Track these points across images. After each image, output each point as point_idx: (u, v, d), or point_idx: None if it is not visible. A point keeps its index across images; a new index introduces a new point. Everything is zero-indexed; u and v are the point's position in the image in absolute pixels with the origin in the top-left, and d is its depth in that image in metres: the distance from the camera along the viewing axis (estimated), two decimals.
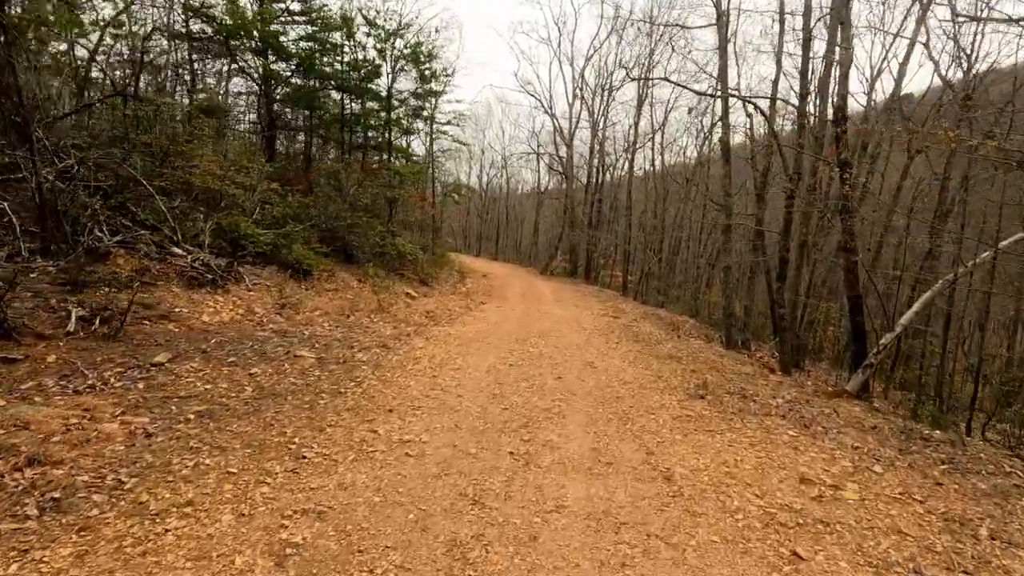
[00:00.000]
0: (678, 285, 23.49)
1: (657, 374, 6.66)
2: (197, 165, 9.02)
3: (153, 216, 8.20)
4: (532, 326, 10.00)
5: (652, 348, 8.84)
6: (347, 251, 12.36)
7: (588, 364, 6.97)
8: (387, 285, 11.32)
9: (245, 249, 9.13)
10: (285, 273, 9.72)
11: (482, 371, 6.25)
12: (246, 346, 5.92)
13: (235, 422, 4.01)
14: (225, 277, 7.99)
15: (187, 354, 5.27)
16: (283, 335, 6.70)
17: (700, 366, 7.63)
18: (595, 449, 3.94)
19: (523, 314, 11.59)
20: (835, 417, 5.42)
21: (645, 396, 5.52)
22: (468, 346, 7.66)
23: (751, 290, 14.41)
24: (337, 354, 6.32)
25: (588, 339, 9.05)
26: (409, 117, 15.99)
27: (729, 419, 4.88)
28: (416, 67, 15.01)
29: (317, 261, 10.05)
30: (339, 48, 14.88)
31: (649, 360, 7.62)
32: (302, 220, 11.49)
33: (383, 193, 13.56)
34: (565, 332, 9.58)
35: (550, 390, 5.56)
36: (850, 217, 7.05)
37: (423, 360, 6.59)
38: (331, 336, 7.10)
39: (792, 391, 6.79)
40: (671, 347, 9.22)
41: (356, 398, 4.87)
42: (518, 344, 8.08)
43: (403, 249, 12.79)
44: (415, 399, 4.99)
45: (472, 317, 10.67)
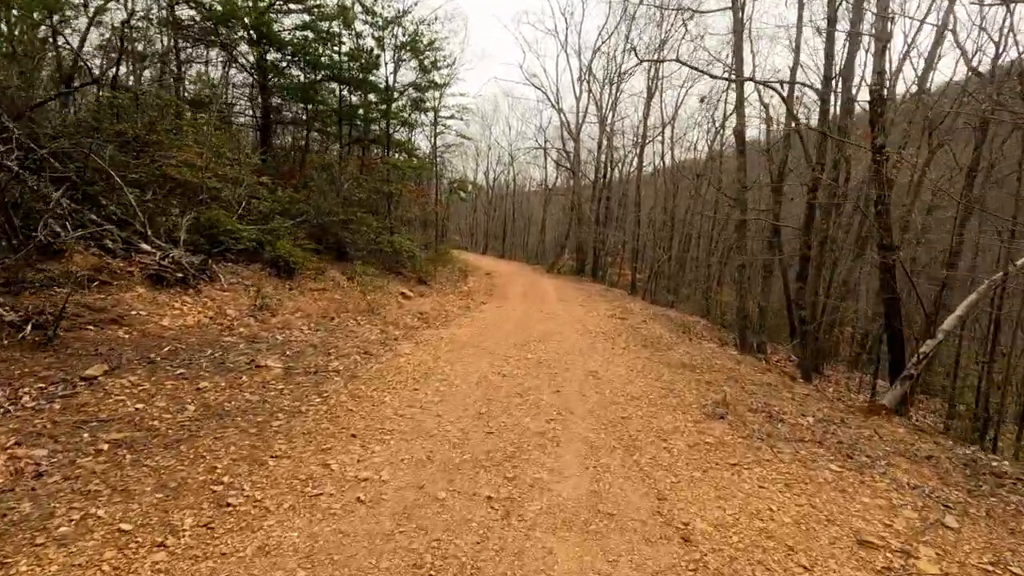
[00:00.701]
0: (688, 283, 22.56)
1: (669, 386, 5.85)
2: (174, 156, 8.32)
3: (122, 210, 7.52)
4: (533, 328, 9.22)
5: (662, 354, 8.01)
6: (340, 248, 11.64)
7: (591, 374, 6.17)
8: (380, 284, 10.58)
9: (225, 246, 8.44)
10: (269, 271, 9.02)
11: (471, 383, 5.48)
12: (204, 355, 5.20)
13: (158, 453, 3.27)
14: (198, 276, 7.28)
15: (129, 365, 4.55)
16: (252, 341, 5.98)
17: (716, 376, 6.79)
18: (594, 492, 3.15)
19: (524, 315, 10.81)
20: (879, 442, 4.58)
21: (655, 416, 4.71)
22: (460, 352, 6.90)
23: (766, 290, 13.50)
24: (309, 363, 5.58)
25: (592, 343, 8.24)
26: (409, 109, 15.22)
27: (756, 447, 4.06)
28: (416, 57, 14.22)
29: (304, 258, 9.33)
30: (336, 38, 14.13)
31: (659, 369, 6.80)
32: (292, 215, 10.79)
33: (380, 188, 12.81)
34: (568, 335, 8.78)
35: (546, 408, 4.78)
36: (886, 210, 6.19)
37: (406, 369, 5.83)
38: (307, 341, 6.36)
39: (822, 406, 5.95)
40: (683, 352, 8.39)
41: (317, 419, 4.12)
42: (515, 349, 7.31)
43: (400, 246, 12.05)
44: (386, 420, 4.23)
45: (469, 319, 9.91)
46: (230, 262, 8.70)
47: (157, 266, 6.83)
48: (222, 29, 12.49)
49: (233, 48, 13.20)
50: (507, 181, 39.16)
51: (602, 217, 24.22)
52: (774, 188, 13.11)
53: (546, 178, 35.36)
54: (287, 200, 10.69)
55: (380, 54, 14.31)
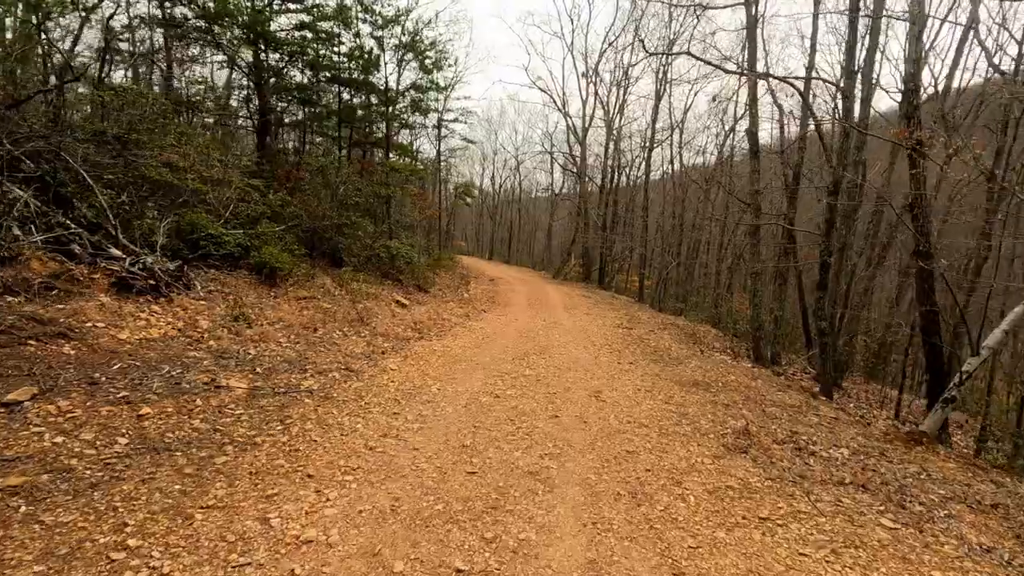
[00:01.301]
0: (696, 291, 21.80)
1: (681, 410, 5.17)
2: (151, 156, 7.79)
3: (95, 212, 7.00)
4: (534, 339, 8.58)
5: (673, 369, 7.33)
6: (335, 254, 11.08)
7: (594, 395, 5.51)
8: (374, 292, 9.99)
9: (206, 251, 7.89)
10: (254, 279, 8.46)
11: (459, 405, 4.84)
12: (159, 373, 4.60)
13: (62, 504, 2.66)
14: (172, 284, 6.72)
15: (66, 387, 3.96)
16: (219, 356, 5.38)
17: (732, 396, 6.10)
18: (591, 562, 2.49)
19: (526, 324, 10.16)
20: (930, 483, 3.88)
21: (667, 449, 4.04)
22: (452, 367, 6.27)
23: (780, 298, 12.76)
24: (279, 382, 4.97)
25: (597, 357, 7.58)
26: (410, 110, 14.68)
27: (789, 493, 3.38)
28: (416, 57, 13.69)
29: (292, 264, 8.76)
30: (335, 38, 13.66)
31: (670, 388, 6.12)
32: (284, 219, 10.25)
33: (377, 191, 12.25)
34: (571, 348, 8.13)
35: (541, 438, 4.12)
36: (924, 213, 5.50)
37: (388, 389, 5.21)
38: (282, 356, 5.76)
39: (853, 432, 5.24)
40: (694, 367, 7.70)
41: (273, 453, 3.50)
42: (513, 364, 6.67)
43: (397, 252, 11.46)
44: (354, 454, 3.60)
45: (467, 328, 9.28)
46: (213, 268, 8.15)
47: (125, 273, 6.27)
48: (216, 28, 12.04)
49: (229, 49, 12.75)
50: (513, 186, 38.63)
51: (609, 222, 23.55)
52: (789, 194, 12.40)
53: (552, 183, 34.76)
54: (278, 203, 10.15)
55: (380, 55, 13.81)
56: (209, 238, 7.98)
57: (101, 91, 8.70)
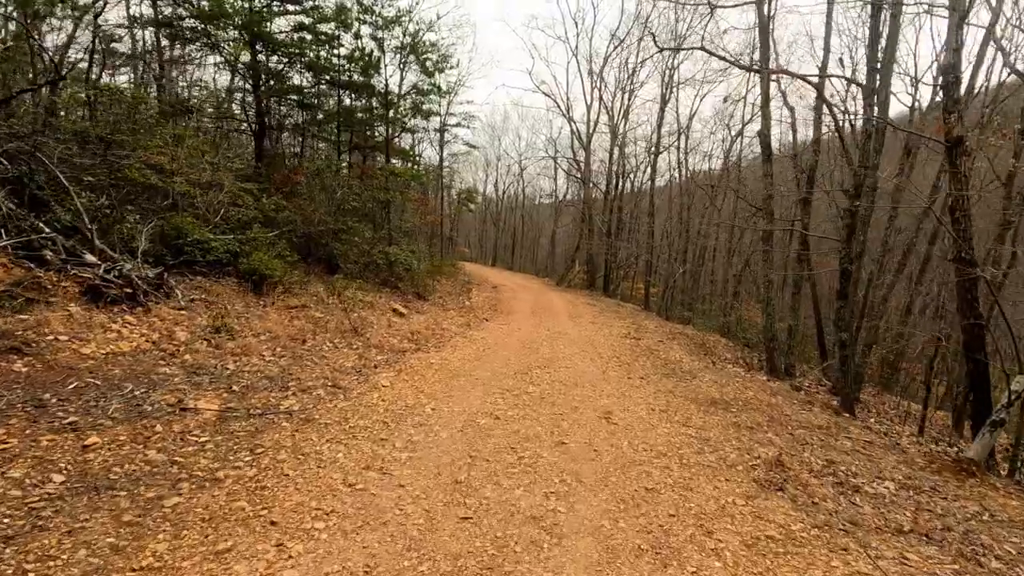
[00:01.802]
0: (703, 298, 21.21)
1: (702, 435, 4.62)
2: (136, 157, 7.35)
3: (73, 216, 6.54)
4: (538, 351, 8.05)
5: (687, 384, 6.78)
6: (331, 261, 10.60)
7: (604, 416, 4.97)
8: (370, 300, 9.49)
9: (189, 256, 7.42)
10: (243, 286, 7.98)
11: (454, 429, 4.32)
12: (120, 393, 4.10)
13: None
14: (150, 292, 6.24)
15: (6, 412, 3.46)
16: (194, 372, 4.88)
17: (755, 416, 5.55)
18: None
19: (529, 334, 9.63)
20: (997, 527, 3.32)
21: (691, 485, 3.50)
22: (449, 383, 5.75)
23: (794, 307, 12.19)
24: (256, 401, 4.46)
25: (605, 371, 7.04)
26: (410, 113, 14.25)
27: (842, 545, 2.83)
28: (417, 58, 13.28)
29: (283, 271, 8.28)
30: (335, 40, 13.26)
31: (687, 408, 5.57)
32: (278, 224, 9.78)
33: (376, 196, 11.79)
34: (577, 361, 7.59)
35: (546, 471, 3.59)
36: (966, 216, 4.97)
37: (378, 409, 4.69)
38: (263, 372, 5.25)
39: (893, 459, 4.67)
40: (709, 382, 7.15)
41: (234, 492, 2.99)
42: (515, 379, 6.14)
43: (396, 258, 10.97)
44: (329, 493, 3.08)
45: (467, 339, 8.76)
46: (199, 275, 7.68)
47: (98, 280, 5.80)
48: (212, 30, 11.65)
49: (226, 50, 12.37)
50: (516, 193, 38.20)
51: (614, 229, 23.03)
52: (803, 198, 11.86)
53: (556, 189, 34.32)
54: (272, 208, 9.69)
55: (380, 56, 13.40)
56: (195, 244, 7.51)
57: (85, 90, 8.30)
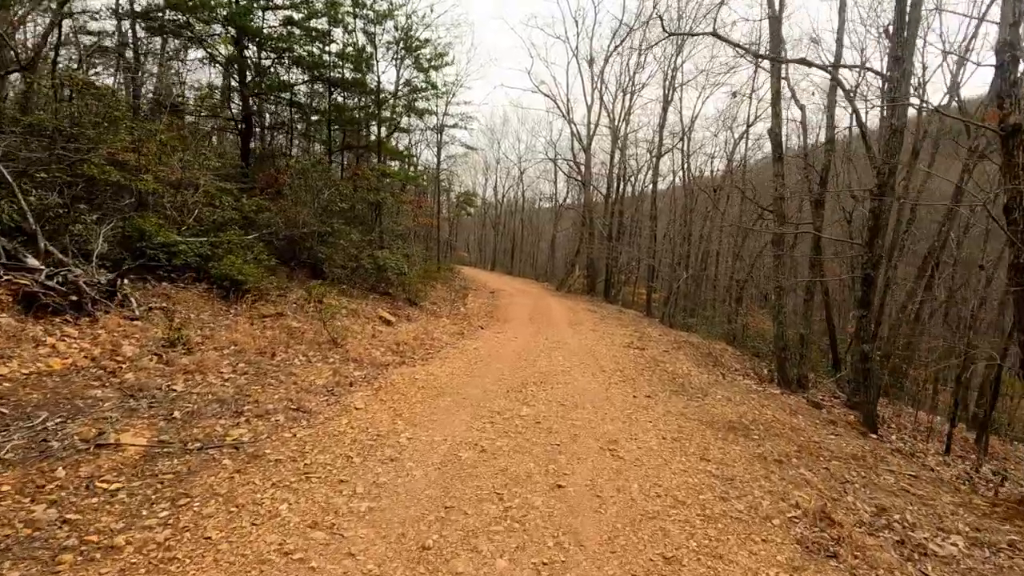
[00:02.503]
0: (707, 304, 20.47)
1: (724, 472, 3.89)
2: (96, 153, 6.66)
3: (16, 214, 5.85)
4: (534, 363, 7.33)
5: (699, 404, 6.04)
6: (316, 266, 9.90)
7: (608, 447, 4.24)
8: (355, 308, 8.78)
9: (155, 260, 6.73)
10: (214, 293, 7.28)
11: (430, 465, 3.60)
12: (28, 425, 3.39)
13: None
14: (100, 300, 5.54)
15: None
16: (131, 395, 4.16)
17: (781, 444, 4.82)
18: None
19: (526, 344, 8.91)
20: None
21: (720, 551, 2.77)
22: (432, 404, 5.03)
23: (806, 314, 11.46)
24: (198, 432, 3.74)
25: (607, 388, 6.31)
26: (403, 111, 13.57)
27: None
28: (410, 53, 12.61)
29: (259, 277, 7.57)
30: (325, 36, 12.61)
31: (702, 435, 4.84)
32: (259, 227, 9.10)
33: (367, 197, 11.10)
34: (577, 375, 6.87)
35: (537, 529, 2.87)
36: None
37: (345, 438, 3.97)
38: (215, 394, 4.53)
39: (952, 503, 3.94)
40: (722, 399, 6.42)
41: (129, 569, 2.27)
42: (508, 399, 5.42)
43: (385, 262, 10.26)
44: (256, 567, 2.35)
45: (459, 350, 8.04)
46: (166, 281, 6.98)
47: (37, 287, 5.10)
48: (195, 23, 11.00)
49: (210, 45, 11.72)
50: (516, 196, 37.52)
51: (615, 233, 22.33)
52: (815, 200, 11.14)
53: (556, 193, 33.64)
54: (252, 209, 9.01)
55: (372, 52, 12.74)
56: (160, 247, 6.82)
57: (49, 80, 7.63)
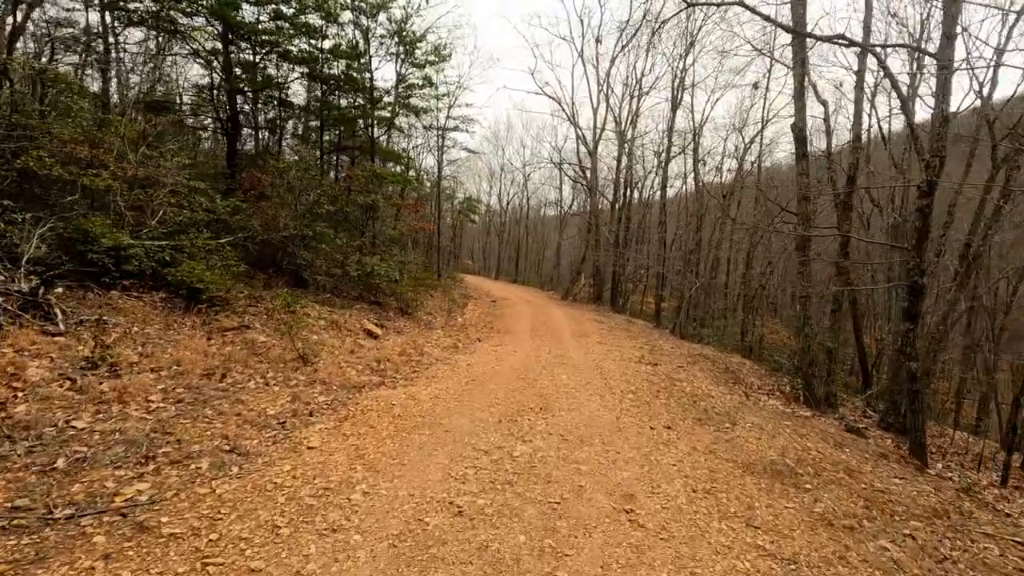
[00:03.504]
0: (720, 314, 19.36)
1: (782, 548, 2.87)
2: (28, 145, 5.80)
3: None
4: (534, 383, 6.33)
5: (729, 437, 5.01)
6: (298, 272, 8.97)
7: (623, 507, 3.23)
8: (336, 319, 7.83)
9: (100, 265, 5.82)
10: (175, 303, 6.36)
11: (384, 539, 2.62)
12: None
13: None
14: (15, 312, 4.63)
15: None
16: (8, 436, 3.21)
17: (842, 497, 3.78)
18: None
19: (527, 359, 7.93)
20: None
21: None
22: (406, 441, 4.04)
23: (834, 327, 10.38)
24: (79, 489, 2.79)
25: (619, 416, 5.29)
26: (398, 108, 12.70)
27: None
28: (405, 47, 11.77)
29: (224, 284, 6.65)
30: (318, 32, 11.80)
31: (741, 484, 3.81)
32: (233, 230, 8.21)
33: (356, 200, 10.20)
34: (583, 398, 5.86)
35: None
36: None
37: (279, 495, 3.00)
38: (128, 432, 3.57)
39: None
40: (755, 429, 5.38)
41: None
42: (499, 432, 4.43)
43: (374, 269, 9.33)
44: None
45: (450, 366, 7.07)
46: (116, 289, 6.08)
47: None
48: (177, 15, 10.22)
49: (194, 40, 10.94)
50: (521, 203, 36.61)
51: (622, 240, 21.34)
52: (843, 202, 10.11)
53: (561, 199, 32.69)
54: (227, 209, 8.12)
55: (366, 47, 11.91)
56: (107, 251, 5.92)
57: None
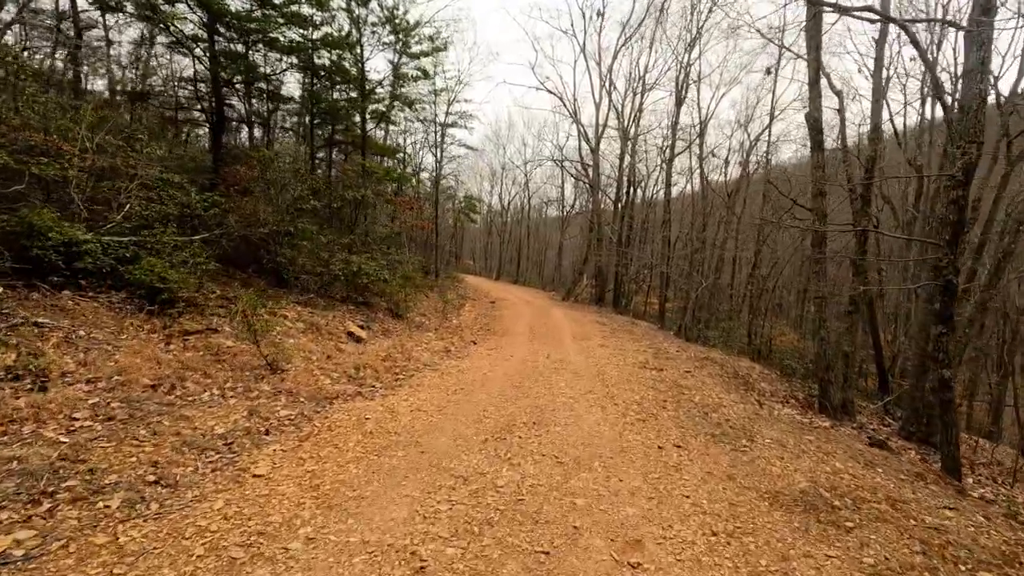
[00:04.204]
0: (726, 315, 18.67)
1: None
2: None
3: None
4: (529, 392, 5.70)
5: (748, 456, 4.36)
6: (279, 272, 8.37)
7: (627, 556, 2.59)
8: (317, 321, 7.22)
9: (48, 262, 5.23)
10: (136, 303, 5.76)
11: None
12: None
13: None
14: None
15: None
16: None
17: (892, 539, 3.13)
18: None
19: (523, 364, 7.30)
20: None
21: None
22: (376, 463, 3.42)
23: (851, 329, 9.71)
24: None
25: (622, 432, 4.66)
26: (390, 100, 12.09)
27: None
28: (397, 35, 11.15)
29: (188, 283, 6.04)
30: (307, 20, 11.20)
31: (771, 525, 3.16)
32: (210, 226, 7.62)
33: (343, 195, 9.58)
34: (581, 410, 5.22)
35: None
36: None
37: (195, 546, 2.38)
38: (28, 460, 2.95)
39: None
40: (775, 446, 4.74)
41: None
42: (484, 453, 3.80)
43: (361, 269, 8.71)
44: None
45: (439, 372, 6.45)
46: (69, 288, 5.48)
47: None
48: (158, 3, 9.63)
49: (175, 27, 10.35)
50: (522, 203, 35.94)
51: (624, 239, 20.67)
52: (861, 196, 9.43)
53: (563, 199, 32.02)
54: (202, 204, 7.52)
55: (359, 36, 11.31)
56: (56, 247, 5.32)
57: None
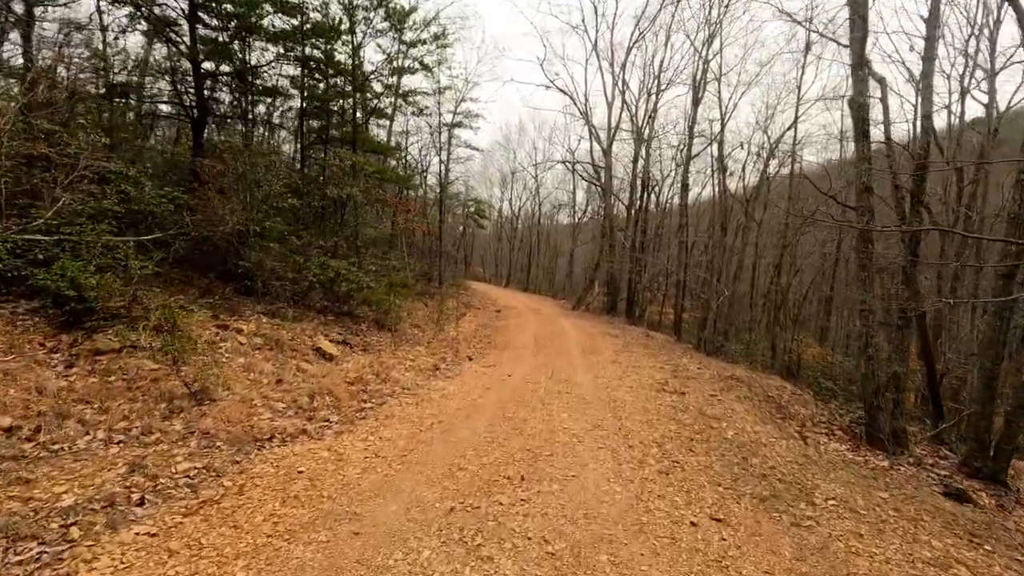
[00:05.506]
0: (747, 327, 17.26)
1: None
2: None
3: None
4: (523, 427, 4.53)
5: (811, 536, 3.14)
6: (248, 277, 7.32)
7: None
8: (280, 336, 6.13)
9: None
10: (49, 314, 4.74)
11: None
12: None
13: None
14: None
15: None
16: None
17: None
18: None
19: (521, 386, 6.13)
20: None
21: None
22: (275, 558, 2.27)
23: (902, 347, 8.37)
24: None
25: (640, 494, 3.46)
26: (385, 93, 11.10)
27: None
28: (390, 20, 10.16)
29: (115, 290, 5.00)
30: (296, 7, 10.27)
31: None
32: (164, 226, 6.62)
33: (327, 193, 8.55)
34: (587, 455, 4.03)
35: None
36: None
37: None
38: None
39: None
40: (841, 508, 3.50)
41: None
42: (444, 535, 2.64)
43: (341, 275, 7.63)
44: None
45: (416, 399, 5.30)
46: None
47: None
48: None
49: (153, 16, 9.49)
50: (533, 209, 34.80)
51: (638, 245, 19.39)
52: (912, 194, 8.11)
53: (574, 204, 30.83)
54: (158, 200, 6.54)
55: (351, 24, 10.35)
56: None
57: None
